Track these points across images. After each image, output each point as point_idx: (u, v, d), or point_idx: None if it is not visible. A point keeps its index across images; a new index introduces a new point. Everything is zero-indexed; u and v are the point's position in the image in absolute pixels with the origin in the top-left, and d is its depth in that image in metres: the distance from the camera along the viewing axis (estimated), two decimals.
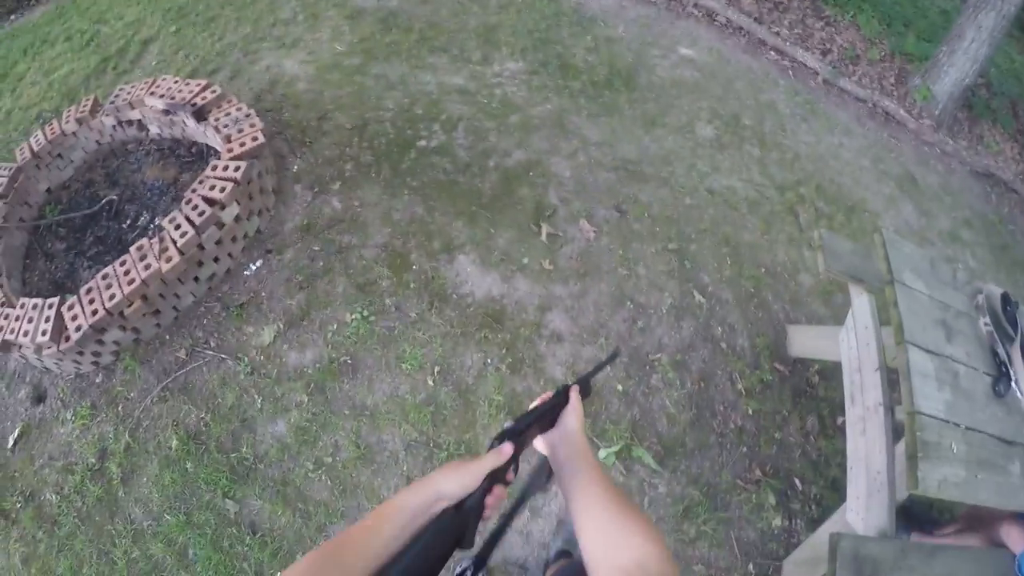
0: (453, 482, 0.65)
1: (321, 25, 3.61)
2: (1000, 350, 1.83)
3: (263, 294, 2.49)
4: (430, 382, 2.27)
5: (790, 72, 3.85)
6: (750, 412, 2.41)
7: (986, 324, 1.85)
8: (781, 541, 2.21)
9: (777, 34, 3.88)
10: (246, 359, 2.26)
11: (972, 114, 4.26)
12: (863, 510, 1.91)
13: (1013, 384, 1.79)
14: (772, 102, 3.54)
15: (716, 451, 2.29)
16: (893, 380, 1.80)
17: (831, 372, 2.55)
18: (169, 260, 2.17)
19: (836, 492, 2.29)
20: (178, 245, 2.19)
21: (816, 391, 2.54)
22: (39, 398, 2.35)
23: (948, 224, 3.50)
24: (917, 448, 1.47)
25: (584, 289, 2.49)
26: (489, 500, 0.67)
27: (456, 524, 0.63)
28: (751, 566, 2.14)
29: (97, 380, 2.32)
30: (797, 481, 2.38)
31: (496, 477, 0.67)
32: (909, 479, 1.46)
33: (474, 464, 0.67)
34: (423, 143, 2.96)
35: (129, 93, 2.75)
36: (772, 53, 3.85)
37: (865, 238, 3.02)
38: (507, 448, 0.70)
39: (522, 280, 2.50)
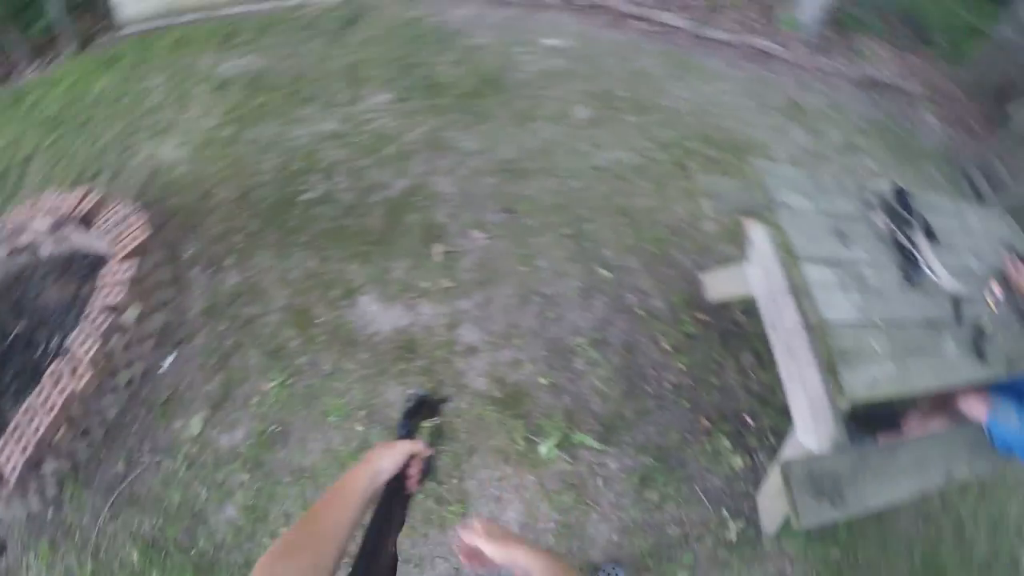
0: (387, 460, 0.85)
1: (190, 104, 3.58)
2: (902, 240, 1.84)
3: (182, 386, 2.43)
4: (359, 428, 2.23)
5: (658, 36, 3.90)
6: (682, 368, 2.39)
7: (883, 220, 1.87)
8: (748, 479, 2.21)
9: (638, 4, 3.94)
10: (181, 454, 2.21)
11: (842, 30, 4.36)
12: (812, 429, 1.92)
13: (924, 268, 1.81)
14: (643, 69, 3.58)
15: (658, 414, 2.27)
16: None
17: (753, 307, 2.53)
18: (82, 377, 2.14)
19: (788, 417, 2.27)
20: (87, 360, 2.17)
21: (744, 329, 2.53)
22: (0, 550, 2.26)
23: (841, 137, 3.56)
24: (834, 357, 1.46)
25: (488, 297, 2.46)
26: (411, 472, 0.89)
27: (397, 489, 0.86)
28: (724, 511, 2.13)
29: (49, 516, 2.25)
30: (747, 418, 2.37)
31: (413, 454, 0.89)
32: (834, 389, 1.45)
33: (398, 445, 0.89)
34: (305, 196, 2.92)
35: (14, 220, 2.70)
36: (636, 22, 3.91)
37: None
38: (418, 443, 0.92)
39: (426, 304, 2.46)
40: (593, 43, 3.68)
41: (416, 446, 0.90)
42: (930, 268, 1.85)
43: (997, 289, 2.03)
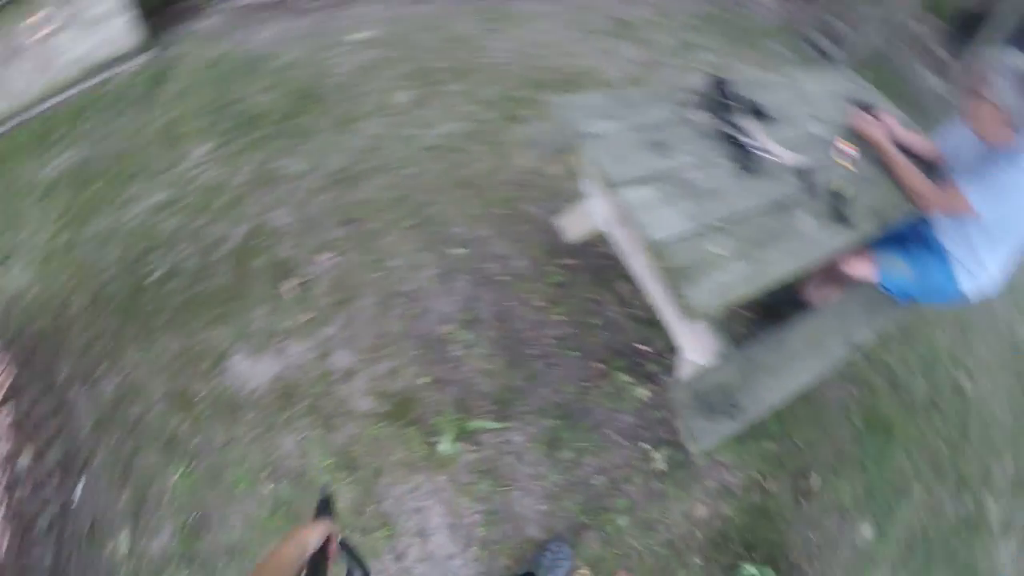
0: (312, 537, 0.97)
1: (22, 222, 3.37)
2: (728, 130, 1.80)
3: (99, 509, 2.37)
4: (268, 488, 2.17)
5: None
6: (561, 318, 2.36)
7: (704, 116, 1.84)
8: (659, 405, 2.23)
9: None
10: (121, 574, 2.14)
11: None
12: (693, 345, 1.89)
13: (757, 151, 1.77)
14: (458, 34, 3.47)
15: (548, 374, 2.25)
16: None
17: None
18: (2, 541, 2.10)
19: None
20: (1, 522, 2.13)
21: (612, 260, 2.51)
22: None
23: (673, 40, 3.50)
24: (674, 277, 1.41)
25: (350, 315, 2.40)
26: (330, 548, 1.01)
27: (320, 562, 0.98)
28: (644, 444, 2.15)
29: None
30: (640, 346, 2.35)
31: (330, 533, 1.03)
32: (683, 309, 1.40)
33: (320, 525, 1.01)
34: (153, 277, 2.80)
35: None
36: None
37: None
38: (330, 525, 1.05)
39: (293, 344, 2.40)
40: (402, 23, 3.54)
41: (333, 526, 1.05)
42: (764, 150, 1.81)
43: (847, 147, 2.03)
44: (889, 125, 2.16)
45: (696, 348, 1.94)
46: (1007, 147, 1.71)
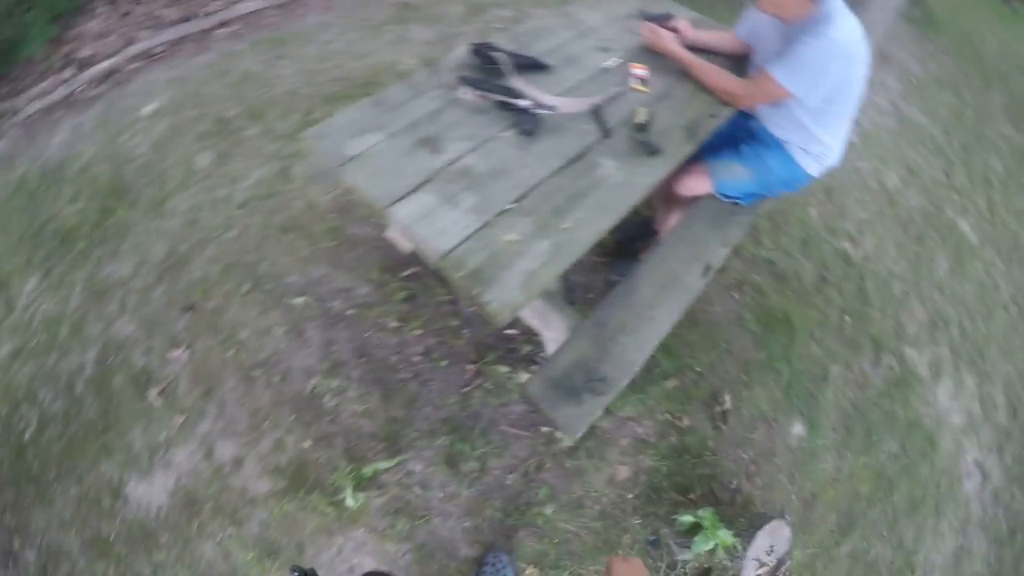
0: None
1: None
2: (498, 97, 1.65)
3: None
4: None
5: (244, 30, 3.53)
6: (419, 332, 2.29)
7: (470, 92, 1.68)
8: None
9: (212, 12, 3.52)
10: None
11: None
12: (544, 323, 1.81)
13: (536, 110, 1.63)
14: (245, 72, 3.28)
15: (425, 392, 2.21)
16: None
17: None
18: None
19: None
20: None
21: None
22: None
23: (462, 6, 3.29)
24: (468, 285, 1.27)
25: (219, 402, 2.34)
26: None
27: None
28: (543, 428, 2.11)
29: None
30: (507, 332, 2.28)
31: None
32: (491, 314, 1.27)
33: None
34: (28, 433, 2.66)
35: None
36: (220, 30, 3.53)
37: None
38: None
39: (176, 452, 2.33)
40: (188, 80, 3.32)
41: None
42: (543, 105, 1.65)
43: (639, 69, 1.91)
44: (681, 30, 2.06)
45: (546, 326, 1.88)
46: (806, 19, 1.64)
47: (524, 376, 2.20)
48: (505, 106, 1.63)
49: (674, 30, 2.04)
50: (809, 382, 2.39)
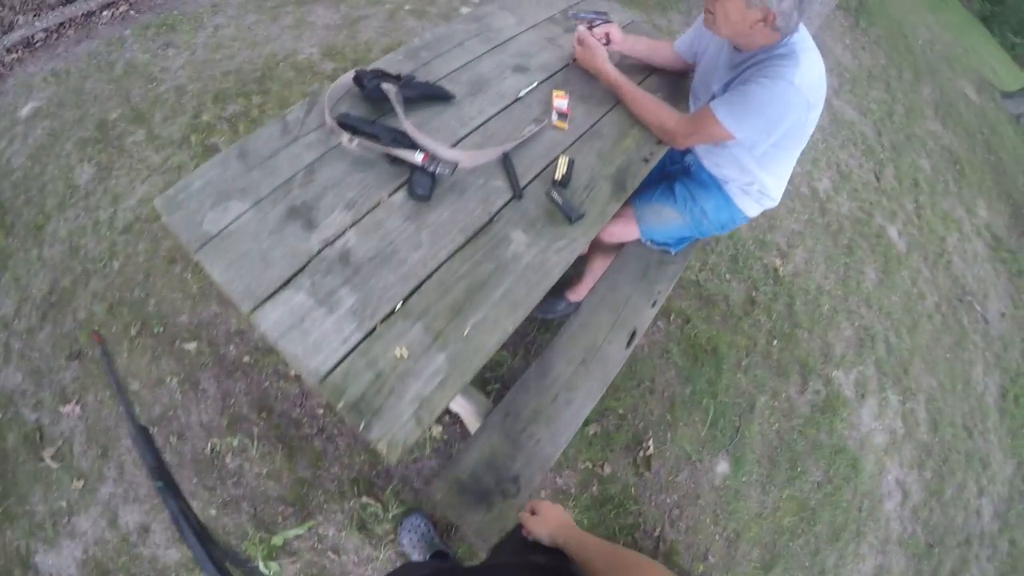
0: None
1: None
2: (384, 145, 1.31)
3: None
4: None
5: (133, 11, 3.07)
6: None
7: (354, 141, 1.32)
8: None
9: None
10: None
11: None
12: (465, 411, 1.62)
13: (424, 165, 1.27)
14: (131, 62, 2.85)
15: (331, 448, 2.04)
16: None
17: None
18: None
19: None
20: None
21: None
22: None
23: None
24: (354, 423, 1.01)
25: (118, 463, 2.07)
26: None
27: None
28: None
29: None
30: None
31: None
32: (382, 451, 1.02)
33: None
34: None
35: None
36: (105, 12, 3.06)
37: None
38: None
39: (79, 519, 2.03)
40: (70, 75, 2.89)
41: None
42: (439, 158, 1.30)
43: (561, 99, 1.58)
44: (611, 37, 1.75)
45: (459, 409, 1.67)
46: (766, 52, 1.36)
47: (438, 429, 2.03)
48: (390, 158, 1.33)
49: (605, 38, 1.75)
50: (735, 416, 2.29)
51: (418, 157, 1.26)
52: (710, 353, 2.34)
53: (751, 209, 1.72)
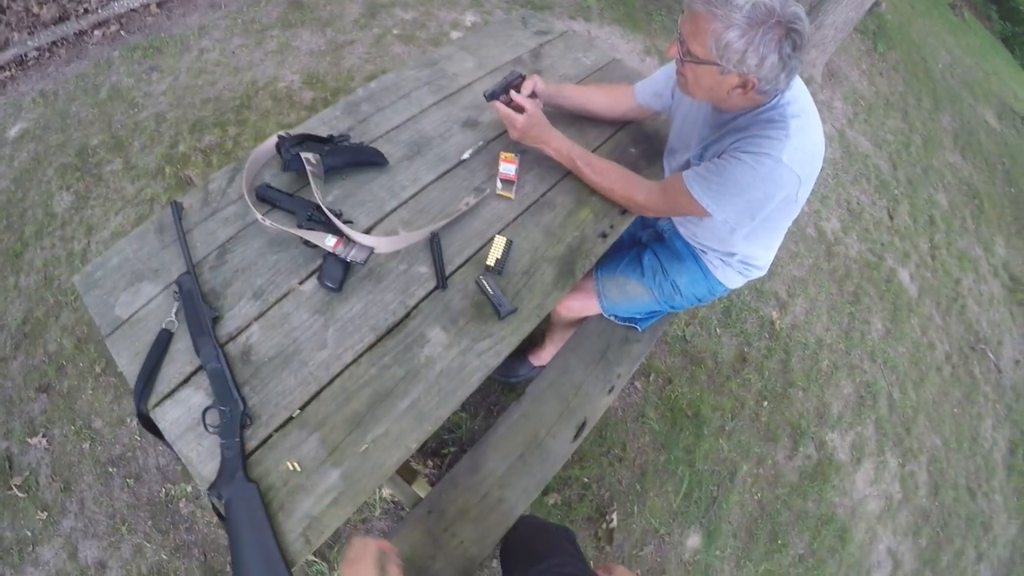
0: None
1: None
2: (292, 230, 1.15)
3: None
4: None
5: (124, 33, 2.98)
6: None
7: (264, 217, 1.18)
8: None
9: (87, 12, 2.97)
10: None
11: None
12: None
13: (336, 252, 1.12)
14: (113, 87, 2.75)
15: None
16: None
17: None
18: None
19: None
20: None
21: None
22: None
23: (358, 6, 2.76)
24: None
25: (80, 499, 1.97)
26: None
27: None
28: None
29: None
30: None
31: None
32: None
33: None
34: None
35: None
36: (96, 32, 2.98)
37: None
38: None
39: (42, 549, 1.94)
40: (58, 97, 2.79)
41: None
42: (354, 243, 1.14)
43: (509, 163, 1.35)
44: (539, 94, 1.42)
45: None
46: (751, 116, 1.13)
47: (387, 490, 1.91)
48: (307, 243, 1.16)
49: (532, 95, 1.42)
50: (713, 485, 2.07)
51: (330, 242, 1.10)
52: (691, 418, 2.12)
53: (733, 281, 1.47)
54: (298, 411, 1.00)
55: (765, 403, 2.29)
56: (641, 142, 1.55)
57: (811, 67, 3.76)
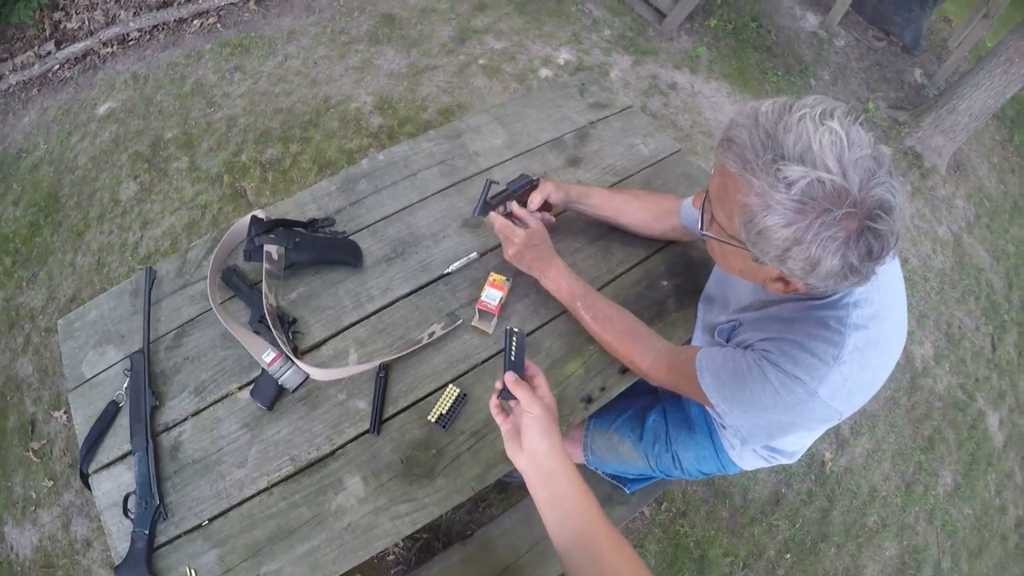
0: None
1: None
2: (242, 338, 1.07)
3: None
4: None
5: (218, 25, 3.01)
6: None
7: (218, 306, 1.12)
8: None
9: (188, 1, 3.04)
10: None
11: None
12: None
13: (270, 370, 1.02)
14: (199, 81, 2.78)
15: None
16: None
17: None
18: None
19: None
20: None
21: None
22: None
23: (450, 29, 2.63)
24: None
25: (80, 488, 2.09)
26: None
27: None
28: None
29: None
30: None
31: None
32: None
33: None
34: None
35: None
36: (196, 21, 3.03)
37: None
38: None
39: (43, 513, 2.10)
40: (148, 82, 2.87)
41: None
42: (287, 366, 1.03)
43: (496, 288, 1.12)
44: (554, 204, 1.16)
45: None
46: (799, 308, 0.83)
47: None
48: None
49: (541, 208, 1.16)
50: None
51: (267, 358, 1.00)
52: (695, 560, 1.87)
53: (752, 463, 1.18)
54: (207, 521, 0.94)
55: (788, 555, 1.99)
56: (678, 274, 1.26)
57: (936, 156, 3.26)
